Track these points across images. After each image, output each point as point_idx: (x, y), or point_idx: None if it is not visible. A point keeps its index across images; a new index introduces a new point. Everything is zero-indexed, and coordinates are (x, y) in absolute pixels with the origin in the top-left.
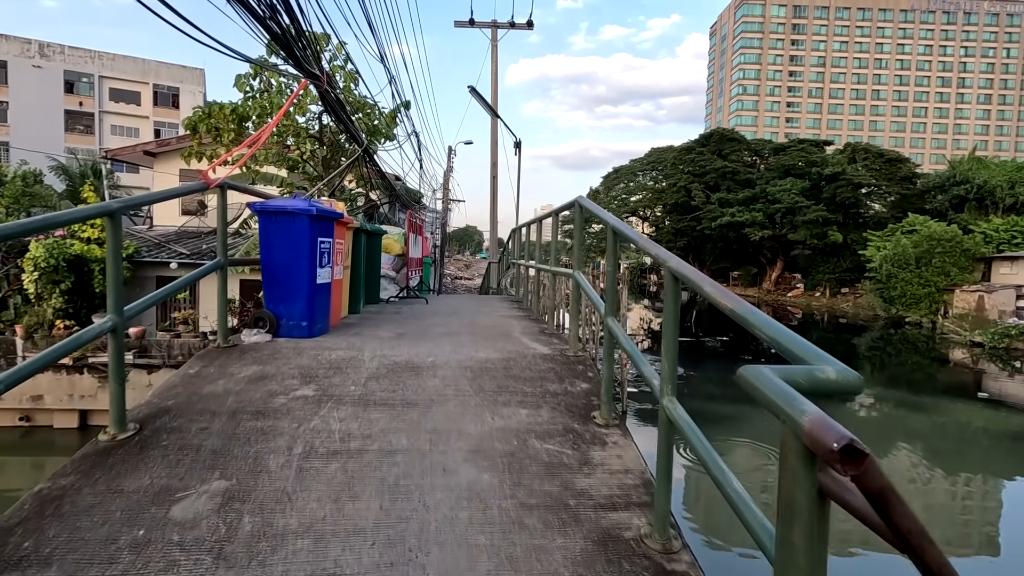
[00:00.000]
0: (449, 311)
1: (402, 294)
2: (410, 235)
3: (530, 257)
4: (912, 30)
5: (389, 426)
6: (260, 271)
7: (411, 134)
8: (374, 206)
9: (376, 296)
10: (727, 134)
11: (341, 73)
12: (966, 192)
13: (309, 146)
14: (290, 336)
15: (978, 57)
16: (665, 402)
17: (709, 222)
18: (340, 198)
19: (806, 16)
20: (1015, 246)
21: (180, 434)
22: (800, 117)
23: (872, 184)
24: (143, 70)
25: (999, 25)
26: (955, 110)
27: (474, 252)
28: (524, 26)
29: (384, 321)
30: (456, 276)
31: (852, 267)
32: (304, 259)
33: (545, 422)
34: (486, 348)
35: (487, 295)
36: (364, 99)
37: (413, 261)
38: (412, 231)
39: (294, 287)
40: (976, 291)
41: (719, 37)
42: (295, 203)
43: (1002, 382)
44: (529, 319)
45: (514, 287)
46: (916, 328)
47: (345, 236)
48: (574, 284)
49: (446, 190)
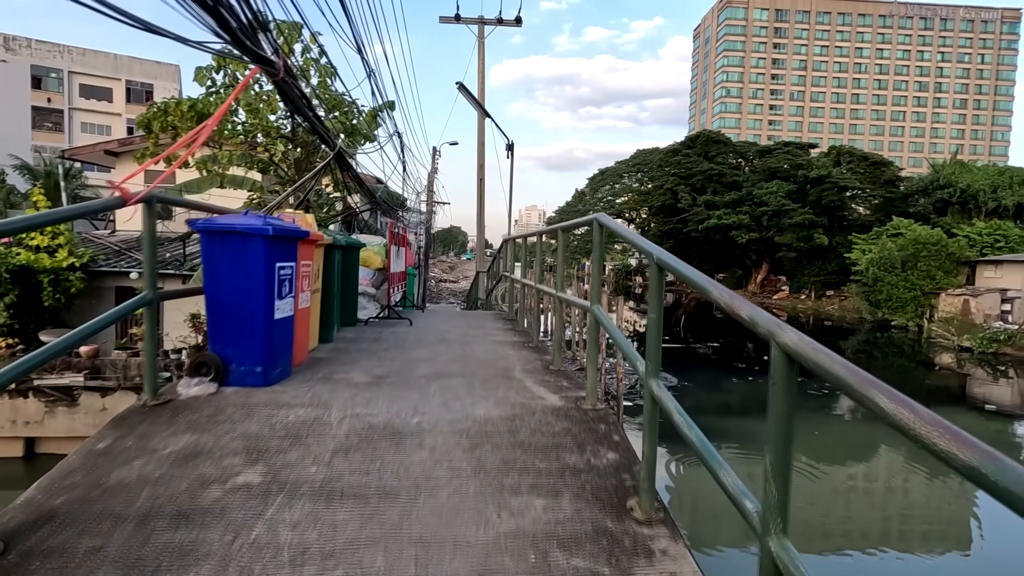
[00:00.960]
0: (436, 337)
1: (383, 314)
2: (392, 247)
3: (528, 266)
4: (891, 35)
5: (359, 534)
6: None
7: (393, 134)
8: (353, 213)
9: (353, 317)
10: (713, 136)
11: (315, 67)
12: (949, 196)
13: (281, 147)
14: (241, 385)
15: (954, 62)
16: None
17: (696, 224)
18: (317, 203)
19: (787, 20)
20: (998, 250)
21: (60, 560)
22: (782, 120)
23: (857, 187)
24: (115, 66)
25: (974, 31)
26: (932, 114)
27: (458, 253)
28: (512, 23)
29: (361, 354)
30: (440, 279)
31: (837, 270)
32: (258, 290)
33: (568, 519)
34: (484, 399)
35: (476, 310)
36: (341, 96)
37: (395, 276)
38: (394, 243)
39: (246, 325)
40: (961, 295)
41: (703, 39)
42: (247, 221)
43: (988, 387)
44: (528, 347)
45: (506, 302)
46: (902, 332)
47: (314, 256)
48: (592, 321)
49: (430, 192)
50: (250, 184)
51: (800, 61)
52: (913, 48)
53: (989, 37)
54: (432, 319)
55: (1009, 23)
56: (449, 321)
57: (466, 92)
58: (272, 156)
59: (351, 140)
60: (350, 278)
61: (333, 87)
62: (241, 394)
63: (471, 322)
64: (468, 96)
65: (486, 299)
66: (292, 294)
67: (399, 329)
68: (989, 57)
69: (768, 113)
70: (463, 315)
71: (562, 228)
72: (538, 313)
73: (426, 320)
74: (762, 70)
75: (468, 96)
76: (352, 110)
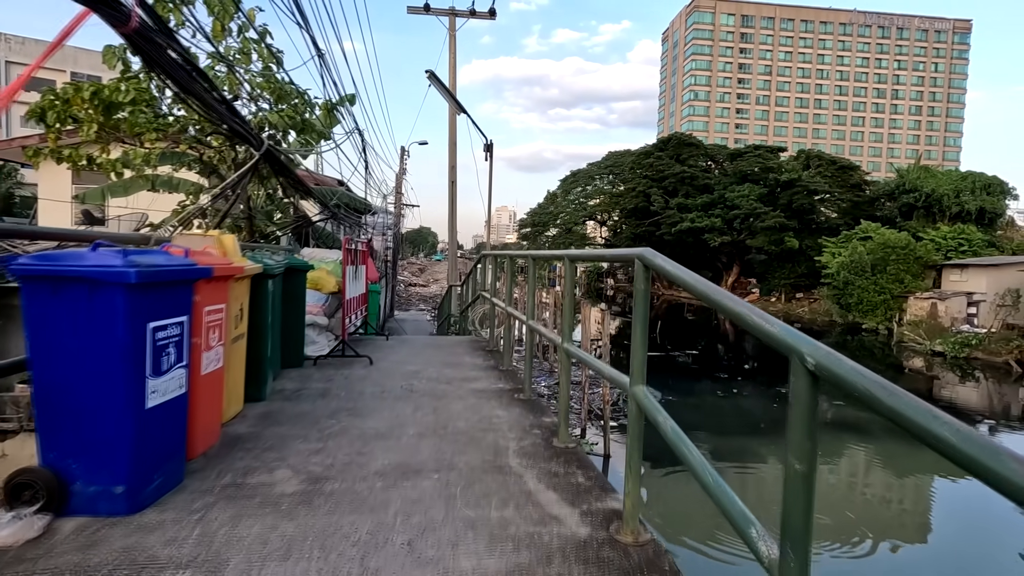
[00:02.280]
0: (401, 386)
1: (337, 350)
2: (348, 268)
3: (513, 283)
4: (851, 43)
5: None
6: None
7: (352, 131)
8: (304, 223)
9: (299, 355)
10: (685, 139)
11: (257, 49)
12: (915, 200)
13: (216, 142)
14: (92, 513)
15: (910, 70)
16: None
17: (668, 227)
18: (264, 211)
19: (753, 26)
20: (961, 253)
21: None
22: (748, 123)
23: (826, 191)
24: (60, 55)
25: (928, 41)
26: (890, 120)
27: (428, 254)
28: (486, 15)
29: (297, 424)
30: (410, 283)
31: (807, 272)
32: (114, 369)
33: None
34: (470, 529)
35: (449, 335)
36: (289, 85)
37: (353, 302)
38: (351, 262)
39: (97, 422)
40: (929, 298)
41: (671, 43)
42: (97, 260)
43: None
44: (518, 401)
45: (486, 328)
46: (873, 335)
47: (230, 296)
48: (633, 409)
49: (399, 194)
50: (187, 186)
51: (765, 66)
52: (872, 56)
53: (942, 46)
54: (398, 352)
55: (960, 33)
56: (418, 356)
57: (437, 82)
58: (203, 155)
59: (305, 138)
60: (294, 308)
61: (281, 75)
62: (85, 535)
63: (445, 356)
64: (440, 87)
65: (459, 316)
66: (183, 364)
67: (356, 371)
68: (942, 66)
69: (735, 117)
70: (435, 344)
71: (584, 258)
72: (531, 355)
73: (390, 355)
74: (729, 74)
75: (440, 87)
76: (303, 102)
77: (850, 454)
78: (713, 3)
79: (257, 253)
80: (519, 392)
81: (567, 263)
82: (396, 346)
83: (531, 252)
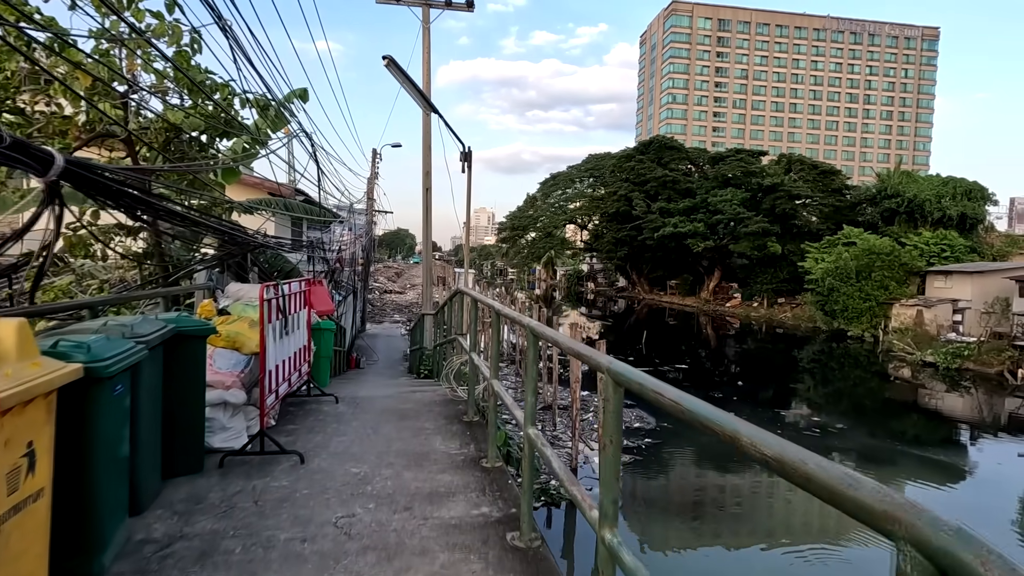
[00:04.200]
0: (334, 529)
1: (253, 442)
2: (269, 326)
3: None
4: (824, 48)
5: None
6: None
7: (294, 135)
8: (229, 255)
9: (195, 456)
10: (666, 142)
11: (170, 31)
12: (897, 205)
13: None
14: None
15: (881, 76)
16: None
17: (651, 232)
18: (174, 231)
19: (730, 30)
20: (944, 259)
21: None
22: (726, 127)
23: (808, 196)
24: None
25: (898, 47)
26: (862, 124)
27: (405, 256)
28: (463, 6)
29: None
30: (385, 290)
31: (789, 277)
32: None
33: None
34: None
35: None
36: (201, 73)
37: (280, 369)
38: (278, 316)
39: None
40: (915, 305)
41: (649, 46)
42: None
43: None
44: (518, 551)
45: (462, 386)
46: (858, 342)
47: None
48: None
49: (370, 200)
50: None
51: (742, 70)
52: (844, 61)
53: (912, 53)
54: (345, 432)
55: (929, 40)
56: (372, 440)
57: (397, 70)
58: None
59: (243, 144)
60: (186, 390)
61: (196, 60)
62: None
63: (408, 440)
64: (400, 76)
65: (433, 352)
66: None
67: (275, 481)
68: (912, 71)
69: (712, 120)
70: (399, 414)
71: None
72: (531, 465)
73: (333, 439)
74: (706, 78)
75: (400, 76)
76: (224, 94)
77: None
78: (691, 7)
79: (88, 337)
80: (514, 528)
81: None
82: (345, 417)
83: (503, 310)
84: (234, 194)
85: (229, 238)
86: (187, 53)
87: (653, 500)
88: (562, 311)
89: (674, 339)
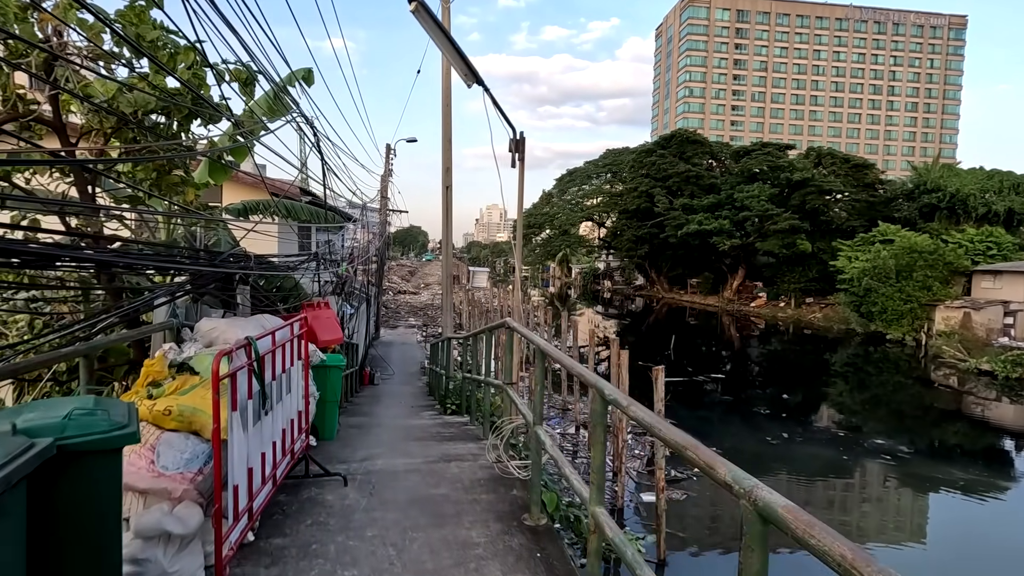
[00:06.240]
0: None
1: None
2: (240, 396)
3: None
4: (847, 38)
5: None
6: None
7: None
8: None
9: None
10: (689, 136)
11: None
12: (937, 200)
13: None
14: None
15: (906, 66)
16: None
17: (674, 229)
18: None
19: (748, 21)
20: (990, 258)
21: None
22: (744, 120)
23: (840, 190)
24: None
25: (924, 36)
26: (886, 117)
27: (419, 254)
28: None
29: None
30: (399, 291)
31: (819, 276)
32: None
33: None
34: None
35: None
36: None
37: (264, 460)
38: (249, 393)
39: None
40: (961, 307)
41: (665, 39)
42: None
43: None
44: None
45: (516, 459)
46: (898, 346)
47: None
48: None
49: (384, 199)
50: None
51: (761, 62)
52: (868, 51)
53: (938, 42)
54: (356, 568)
55: (956, 29)
56: (389, 565)
57: (426, 15)
58: None
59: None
60: (83, 543)
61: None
62: None
63: (449, 573)
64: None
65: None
66: None
67: None
68: (938, 61)
69: (731, 113)
70: (432, 517)
71: None
72: None
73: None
74: (724, 70)
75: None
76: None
77: None
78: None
79: None
80: None
81: None
82: (356, 521)
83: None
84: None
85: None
86: (141, 7)
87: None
88: (576, 309)
89: (700, 341)
